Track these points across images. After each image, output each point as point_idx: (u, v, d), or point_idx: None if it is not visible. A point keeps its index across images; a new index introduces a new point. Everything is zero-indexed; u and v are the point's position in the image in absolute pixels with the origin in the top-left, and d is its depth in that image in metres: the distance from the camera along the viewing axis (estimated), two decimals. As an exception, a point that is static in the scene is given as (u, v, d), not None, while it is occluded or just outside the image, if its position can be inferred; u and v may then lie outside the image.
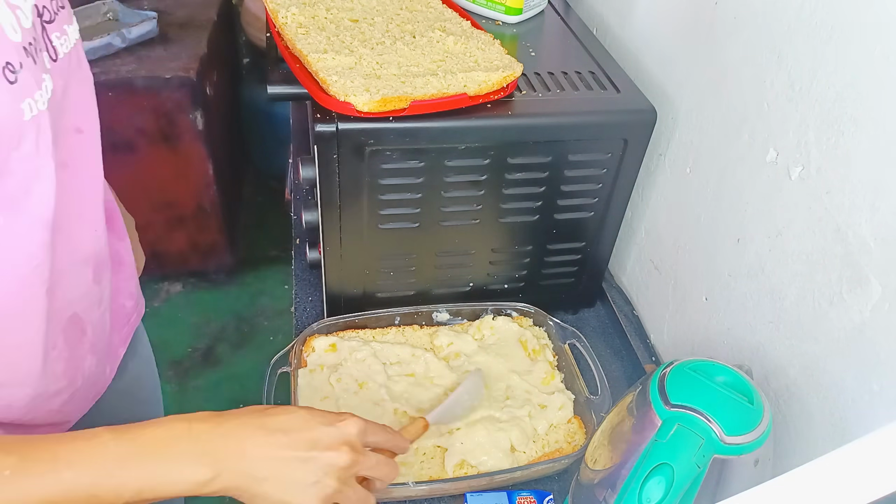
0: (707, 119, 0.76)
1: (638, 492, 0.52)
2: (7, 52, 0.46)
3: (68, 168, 0.57)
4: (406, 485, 0.69)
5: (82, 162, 0.61)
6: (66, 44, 0.56)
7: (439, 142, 0.72)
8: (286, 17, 0.78)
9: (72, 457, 0.46)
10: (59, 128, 0.55)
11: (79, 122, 0.59)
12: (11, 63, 0.46)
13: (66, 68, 0.56)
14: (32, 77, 0.49)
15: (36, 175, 0.51)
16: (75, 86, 0.58)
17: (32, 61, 0.49)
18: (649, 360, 0.89)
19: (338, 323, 0.84)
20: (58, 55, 0.54)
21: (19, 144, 0.49)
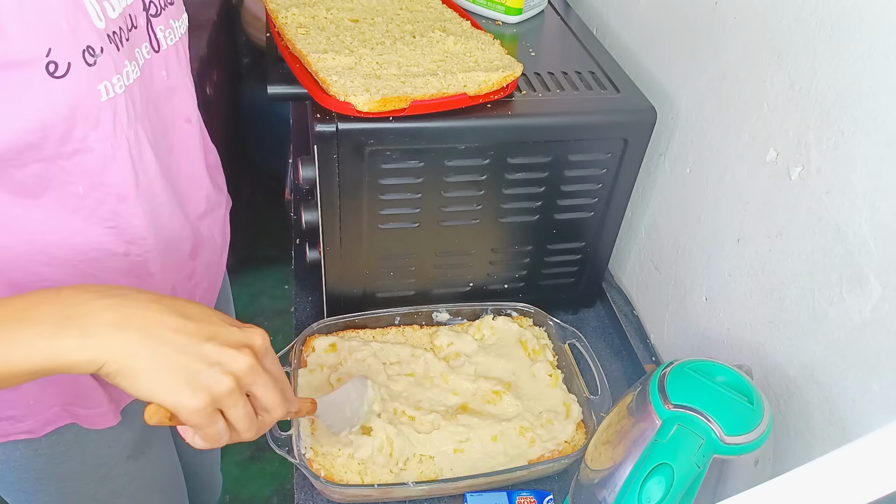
0: (707, 119, 0.76)
1: (638, 492, 0.52)
2: (89, 37, 0.51)
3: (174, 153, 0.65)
4: (406, 485, 0.69)
5: (189, 148, 0.69)
6: (172, 36, 0.64)
7: (439, 142, 0.72)
8: (286, 18, 0.78)
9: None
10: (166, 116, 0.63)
11: (187, 112, 0.68)
12: (92, 47, 0.51)
13: (174, 59, 0.65)
14: (112, 62, 0.54)
15: (112, 154, 0.57)
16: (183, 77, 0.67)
17: (116, 48, 0.54)
18: (649, 360, 0.89)
19: (338, 323, 0.84)
20: (161, 46, 0.62)
21: (97, 125, 0.54)
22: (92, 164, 0.56)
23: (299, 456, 0.69)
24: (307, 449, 0.71)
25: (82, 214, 0.59)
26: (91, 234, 0.60)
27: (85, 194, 0.58)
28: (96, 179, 0.57)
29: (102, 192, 0.59)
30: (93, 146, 0.55)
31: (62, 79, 0.50)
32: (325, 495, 0.71)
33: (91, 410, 0.70)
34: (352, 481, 0.69)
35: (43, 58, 0.49)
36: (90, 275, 0.62)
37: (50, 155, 0.54)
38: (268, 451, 1.84)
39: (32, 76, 0.49)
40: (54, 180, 0.56)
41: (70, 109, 0.52)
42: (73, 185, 0.56)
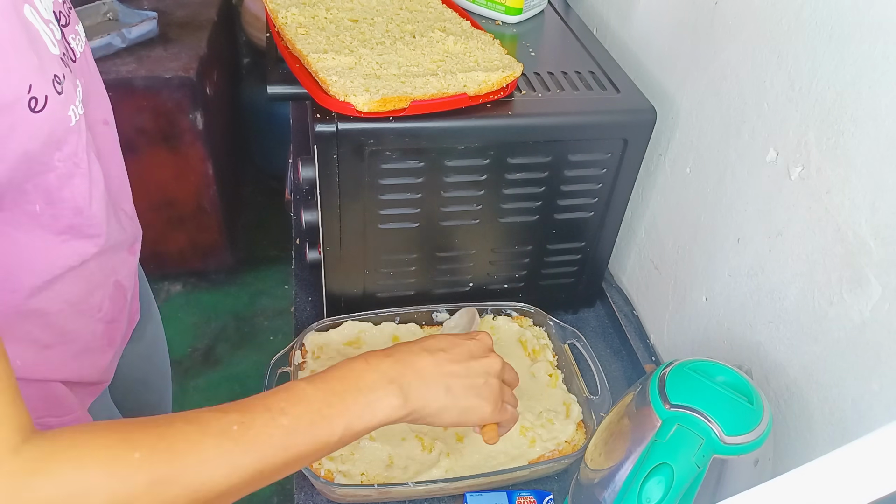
0: (707, 119, 0.76)
1: (638, 492, 0.52)
2: (53, 65, 0.51)
3: (102, 157, 0.63)
4: (406, 485, 0.69)
5: (111, 150, 0.68)
6: (80, 43, 0.61)
7: (439, 142, 0.72)
8: (286, 18, 0.78)
9: (282, 405, 0.49)
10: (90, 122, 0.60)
11: (104, 114, 0.66)
12: (58, 75, 0.51)
13: (85, 66, 0.62)
14: (71, 84, 0.53)
15: (75, 168, 0.56)
16: (93, 81, 0.64)
17: (69, 70, 0.54)
18: (649, 360, 0.89)
19: (338, 323, 0.84)
20: (76, 55, 0.59)
21: (61, 146, 0.54)
22: (51, 183, 0.55)
23: (299, 456, 0.69)
24: (307, 449, 0.71)
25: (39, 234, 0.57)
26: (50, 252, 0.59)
27: (41, 211, 0.56)
28: (54, 196, 0.56)
29: (59, 208, 0.57)
30: (56, 165, 0.54)
31: (41, 112, 0.49)
32: (325, 495, 0.71)
33: (64, 418, 0.69)
34: (352, 481, 0.69)
35: (25, 95, 0.47)
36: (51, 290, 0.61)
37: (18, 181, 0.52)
38: (268, 451, 1.84)
39: (16, 116, 0.47)
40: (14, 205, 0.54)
41: (46, 138, 0.51)
42: (30, 204, 0.55)
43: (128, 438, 0.42)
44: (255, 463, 0.46)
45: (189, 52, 1.81)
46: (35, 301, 0.60)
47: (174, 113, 1.76)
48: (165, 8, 1.99)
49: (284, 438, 0.48)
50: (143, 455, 0.41)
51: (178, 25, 1.93)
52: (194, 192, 1.93)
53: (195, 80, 1.74)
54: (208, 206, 1.97)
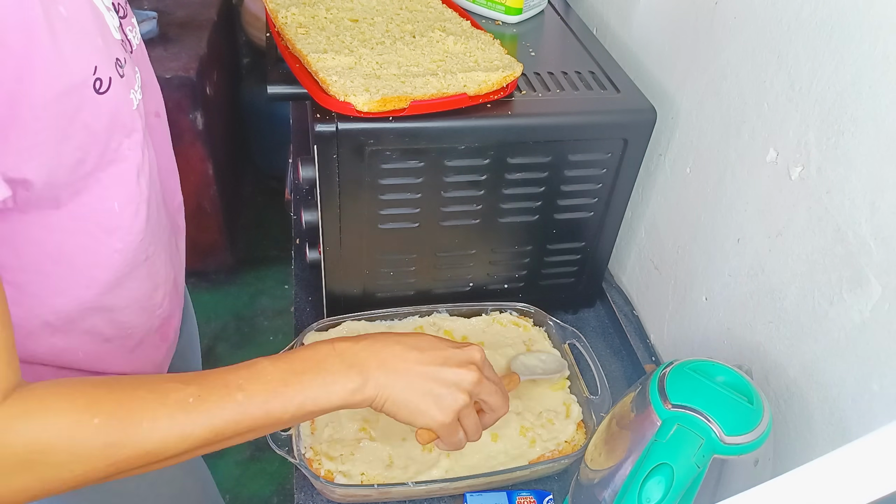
0: (707, 119, 0.76)
1: (638, 492, 0.52)
2: (115, 49, 0.53)
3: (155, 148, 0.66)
4: (406, 485, 0.69)
5: (163, 144, 0.70)
6: (136, 36, 0.64)
7: (439, 142, 0.72)
8: (286, 17, 0.78)
9: (240, 382, 0.52)
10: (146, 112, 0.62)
11: (156, 106, 0.69)
12: (119, 59, 0.53)
13: (141, 57, 0.65)
14: (131, 70, 0.56)
15: (143, 159, 0.58)
16: (148, 73, 0.67)
17: (129, 55, 0.56)
18: (649, 360, 0.89)
19: (338, 323, 0.84)
20: (133, 47, 0.62)
21: (131, 133, 0.56)
22: (127, 174, 0.57)
23: (299, 456, 0.69)
24: (307, 449, 0.71)
25: (119, 234, 0.59)
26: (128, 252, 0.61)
27: (120, 210, 0.58)
28: (131, 189, 0.58)
29: (137, 202, 0.59)
30: (126, 154, 0.56)
31: (106, 94, 0.51)
32: (325, 495, 0.71)
33: None
34: (352, 481, 0.69)
35: (91, 76, 0.49)
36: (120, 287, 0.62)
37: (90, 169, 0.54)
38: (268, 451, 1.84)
39: (84, 96, 0.49)
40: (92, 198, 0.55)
41: (112, 121, 0.53)
42: (108, 200, 0.57)
43: (92, 404, 0.47)
44: (205, 433, 0.50)
45: (189, 52, 1.81)
46: (107, 297, 0.62)
47: (174, 113, 1.76)
48: (165, 8, 1.99)
49: (237, 413, 0.51)
50: (101, 421, 0.47)
51: (178, 25, 1.93)
52: (194, 192, 1.93)
53: (195, 80, 1.74)
54: (208, 206, 1.97)
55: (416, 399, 0.56)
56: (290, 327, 0.93)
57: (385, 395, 0.55)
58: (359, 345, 0.57)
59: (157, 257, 0.66)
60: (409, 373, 0.56)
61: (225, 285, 2.20)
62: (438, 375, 0.57)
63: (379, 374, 0.55)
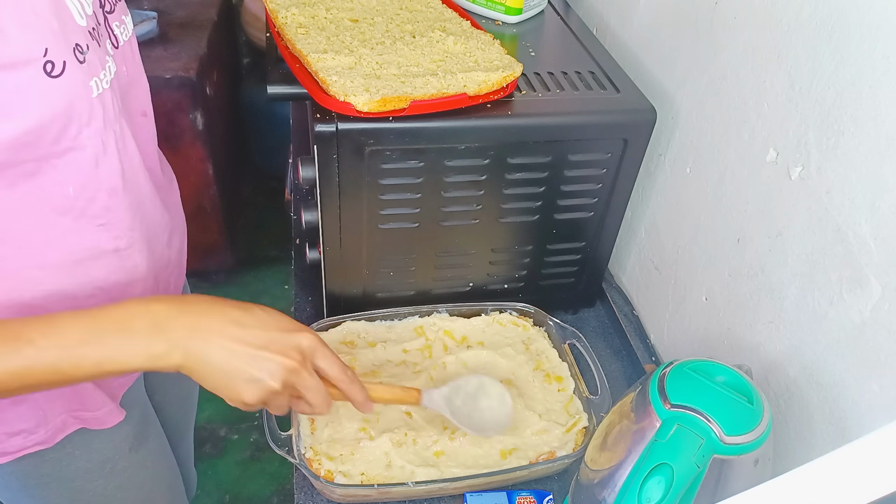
0: (707, 119, 0.76)
1: (638, 492, 0.52)
2: (77, 35, 0.53)
3: (140, 146, 0.65)
4: (406, 485, 0.69)
5: (149, 141, 0.70)
6: (125, 32, 0.64)
7: (439, 142, 0.72)
8: (286, 17, 0.78)
9: (32, 335, 0.50)
10: (128, 111, 0.63)
11: (143, 106, 0.69)
12: (80, 44, 0.53)
13: (129, 55, 0.65)
14: (97, 58, 0.55)
15: (103, 149, 0.58)
16: (136, 72, 0.67)
17: (97, 44, 0.56)
18: (649, 360, 0.89)
19: (337, 323, 0.84)
20: (119, 42, 0.63)
21: (90, 121, 0.55)
22: (84, 162, 0.57)
23: (299, 456, 0.69)
24: (307, 449, 0.71)
25: (73, 215, 0.59)
26: (83, 233, 0.60)
27: (76, 195, 0.58)
28: (88, 177, 0.58)
29: (93, 189, 0.59)
30: (85, 143, 0.56)
31: (59, 78, 0.50)
32: (325, 495, 0.71)
33: (97, 412, 0.71)
34: (352, 481, 0.69)
35: (41, 58, 0.49)
36: (82, 273, 0.62)
37: (44, 154, 0.54)
38: (268, 451, 1.84)
39: (32, 77, 0.49)
40: (46, 181, 0.56)
41: (66, 107, 0.52)
42: (63, 185, 0.57)
43: None
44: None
45: (189, 52, 1.81)
46: (67, 282, 0.62)
47: (174, 113, 1.76)
48: (165, 8, 1.99)
49: (21, 367, 0.49)
50: None
51: (178, 25, 1.93)
52: (194, 192, 1.93)
53: (195, 80, 1.74)
54: (208, 206, 1.97)
55: (224, 376, 0.54)
56: (290, 327, 0.93)
57: (192, 365, 0.53)
58: (175, 308, 0.54)
59: (134, 251, 0.66)
60: (222, 349, 0.53)
61: (225, 285, 2.20)
62: (255, 357, 0.54)
63: (192, 344, 0.53)
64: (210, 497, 1.66)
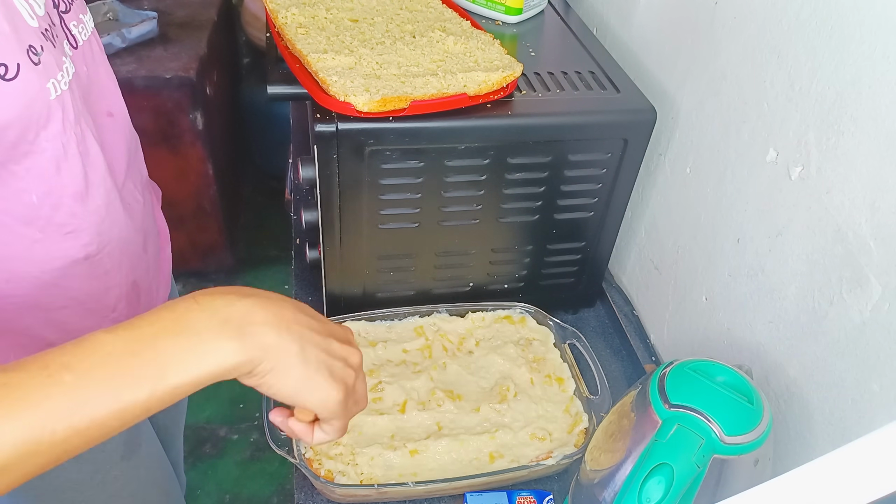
0: (707, 119, 0.76)
1: (638, 492, 0.52)
2: (29, 36, 0.51)
3: (105, 148, 0.63)
4: (406, 485, 0.69)
5: (115, 143, 0.67)
6: (84, 32, 0.62)
7: (439, 142, 0.72)
8: (286, 18, 0.78)
9: (67, 359, 0.39)
10: (92, 112, 0.61)
11: (108, 106, 0.66)
12: (34, 46, 0.51)
13: (89, 55, 0.62)
14: (53, 59, 0.53)
15: (64, 152, 0.56)
16: (100, 72, 0.65)
17: (52, 45, 0.54)
18: (649, 360, 0.89)
19: (337, 323, 0.84)
20: (78, 43, 0.60)
21: (48, 123, 0.53)
22: (44, 167, 0.55)
23: (299, 456, 0.69)
24: (307, 449, 0.71)
25: (38, 225, 0.57)
26: (49, 242, 0.58)
27: (39, 202, 0.56)
28: (50, 183, 0.56)
29: (57, 195, 0.57)
30: (44, 146, 0.54)
31: (13, 81, 0.49)
32: (325, 495, 0.71)
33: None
34: (352, 481, 0.69)
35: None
36: (52, 284, 0.60)
37: (2, 160, 0.52)
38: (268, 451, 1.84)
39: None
40: (8, 191, 0.54)
41: (23, 111, 0.50)
42: (26, 193, 0.55)
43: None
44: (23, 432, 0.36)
45: (189, 52, 1.81)
46: (36, 295, 0.60)
47: (174, 113, 1.76)
48: (165, 8, 1.99)
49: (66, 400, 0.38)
50: None
51: (178, 25, 1.93)
52: (194, 192, 1.93)
53: (195, 80, 1.74)
54: (208, 206, 1.97)
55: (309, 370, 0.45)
56: (290, 327, 0.93)
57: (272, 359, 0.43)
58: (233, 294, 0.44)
59: (107, 257, 0.63)
60: (302, 337, 0.45)
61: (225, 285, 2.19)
62: (330, 347, 0.47)
63: (265, 332, 0.43)
64: (210, 497, 1.66)
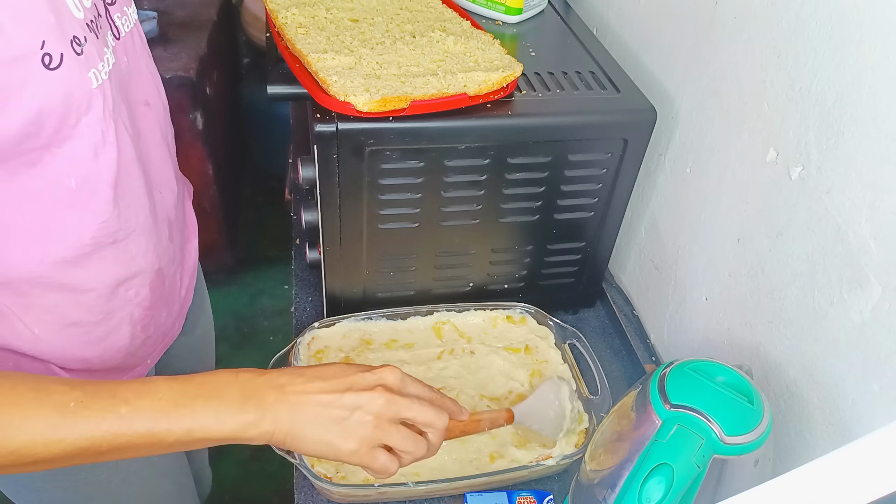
0: (707, 119, 0.76)
1: (638, 492, 0.52)
2: (73, 27, 0.53)
3: (141, 137, 0.66)
4: (406, 485, 0.69)
5: (151, 132, 0.69)
6: (127, 23, 0.65)
7: (439, 142, 0.72)
8: (286, 18, 0.78)
9: (129, 395, 0.50)
10: (130, 100, 0.63)
11: (146, 95, 0.68)
12: (77, 37, 0.53)
13: (130, 45, 0.65)
14: (96, 50, 0.55)
15: (102, 139, 0.58)
16: (140, 62, 0.67)
17: (95, 36, 0.56)
18: (649, 360, 0.89)
19: (337, 323, 0.84)
20: (120, 34, 0.63)
21: (88, 110, 0.55)
22: (84, 151, 0.57)
23: (299, 456, 0.69)
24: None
25: (76, 209, 0.59)
26: (83, 227, 0.61)
27: (77, 187, 0.58)
28: (88, 167, 0.58)
29: (94, 181, 0.59)
30: (84, 132, 0.56)
31: (57, 70, 0.51)
32: (325, 495, 0.71)
33: None
34: (352, 481, 0.69)
35: (38, 51, 0.50)
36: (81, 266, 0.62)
37: (44, 143, 0.54)
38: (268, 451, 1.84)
39: (30, 70, 0.50)
40: (48, 173, 0.56)
41: (64, 98, 0.53)
42: (65, 177, 0.57)
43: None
44: (79, 441, 0.48)
45: (189, 52, 1.81)
46: (68, 276, 0.62)
47: (174, 113, 1.74)
48: (165, 8, 1.99)
49: (117, 426, 0.49)
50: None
51: (178, 25, 1.93)
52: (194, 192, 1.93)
53: (195, 80, 1.74)
54: (208, 206, 1.97)
55: (319, 431, 0.53)
56: (289, 327, 0.93)
57: (285, 431, 0.53)
58: (262, 377, 0.54)
59: (133, 243, 0.66)
60: (310, 403, 0.53)
61: (225, 285, 2.20)
62: (341, 402, 0.54)
63: (278, 408, 0.53)
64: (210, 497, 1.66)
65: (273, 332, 2.09)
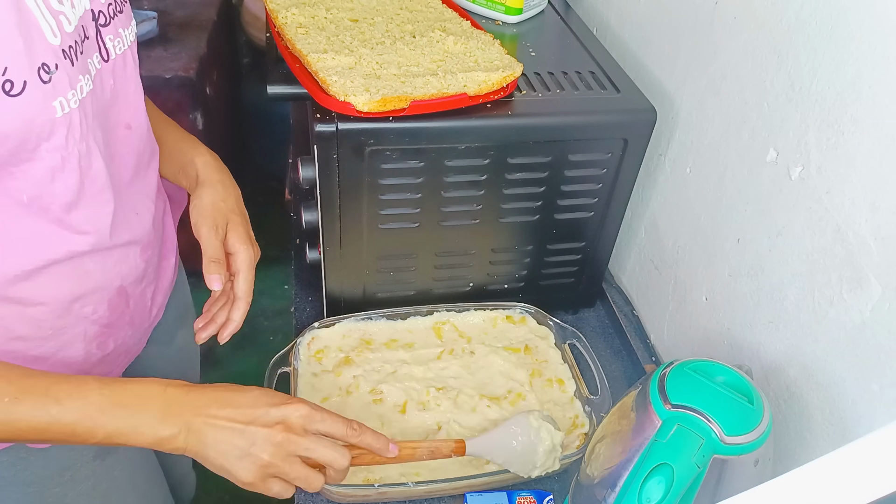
0: (707, 119, 0.76)
1: (638, 492, 0.52)
2: (45, 54, 0.51)
3: (116, 160, 0.64)
4: (406, 485, 0.69)
5: (129, 155, 0.68)
6: (121, 45, 0.62)
7: (439, 142, 0.72)
8: (286, 18, 0.78)
9: (60, 395, 0.54)
10: (109, 124, 0.62)
11: (129, 118, 0.66)
12: (47, 64, 0.52)
13: (120, 68, 0.63)
14: (67, 78, 0.54)
15: (62, 165, 0.57)
16: (128, 85, 0.65)
17: (70, 63, 0.54)
18: (649, 360, 0.89)
19: (337, 323, 0.84)
20: (110, 56, 0.61)
21: (50, 137, 0.54)
22: (40, 174, 0.55)
23: (299, 456, 0.69)
24: (307, 449, 0.71)
25: (26, 223, 0.58)
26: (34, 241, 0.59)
27: (29, 203, 0.57)
28: (42, 189, 0.56)
29: (46, 201, 0.57)
30: (43, 156, 0.55)
31: (18, 97, 0.50)
32: (325, 495, 0.71)
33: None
34: (352, 481, 0.69)
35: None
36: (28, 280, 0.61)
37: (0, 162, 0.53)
38: (268, 451, 1.84)
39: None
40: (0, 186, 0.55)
41: (23, 125, 0.51)
42: (18, 192, 0.56)
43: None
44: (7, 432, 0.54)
45: (189, 52, 1.81)
46: (15, 290, 0.60)
47: (174, 113, 1.75)
48: (165, 8, 1.99)
49: (43, 423, 0.53)
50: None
51: (178, 25, 1.93)
52: (194, 193, 1.93)
53: (195, 80, 1.74)
54: (208, 206, 1.97)
55: (220, 458, 0.57)
56: (290, 327, 0.93)
57: (194, 451, 0.57)
58: (188, 395, 0.57)
59: (90, 260, 0.64)
60: (216, 428, 0.57)
61: (225, 285, 2.19)
62: (242, 434, 0.57)
63: (192, 428, 0.56)
64: (210, 497, 1.65)
65: (273, 332, 2.09)
